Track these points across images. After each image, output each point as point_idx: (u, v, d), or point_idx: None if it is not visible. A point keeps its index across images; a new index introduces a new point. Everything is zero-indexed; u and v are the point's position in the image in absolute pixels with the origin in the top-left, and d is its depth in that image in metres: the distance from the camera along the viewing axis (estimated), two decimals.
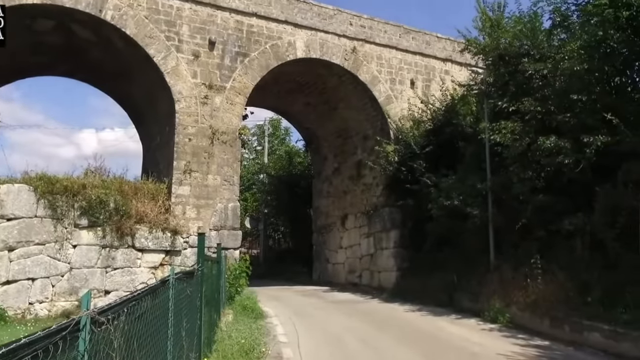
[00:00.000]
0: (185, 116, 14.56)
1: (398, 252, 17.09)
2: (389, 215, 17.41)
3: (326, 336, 9.66)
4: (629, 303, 8.43)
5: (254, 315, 11.12)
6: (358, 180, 19.70)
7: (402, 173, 16.29)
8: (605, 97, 10.56)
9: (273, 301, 14.87)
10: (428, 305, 13.65)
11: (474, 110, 16.68)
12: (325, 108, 20.40)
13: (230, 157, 15.00)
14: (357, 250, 19.29)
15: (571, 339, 8.95)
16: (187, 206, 14.15)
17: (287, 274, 24.38)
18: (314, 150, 23.27)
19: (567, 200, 10.87)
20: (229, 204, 14.69)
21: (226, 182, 14.79)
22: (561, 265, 10.42)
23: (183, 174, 14.26)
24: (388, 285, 16.97)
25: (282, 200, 26.55)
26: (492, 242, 12.82)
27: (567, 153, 10.32)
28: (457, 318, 11.75)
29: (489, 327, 10.55)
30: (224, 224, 14.52)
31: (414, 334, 9.87)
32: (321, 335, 9.74)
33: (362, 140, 19.45)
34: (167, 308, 3.69)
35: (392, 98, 18.16)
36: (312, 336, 9.60)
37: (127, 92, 18.31)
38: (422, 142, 16.29)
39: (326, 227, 21.86)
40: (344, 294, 17.49)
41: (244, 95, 15.54)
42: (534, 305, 10.32)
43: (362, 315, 12.49)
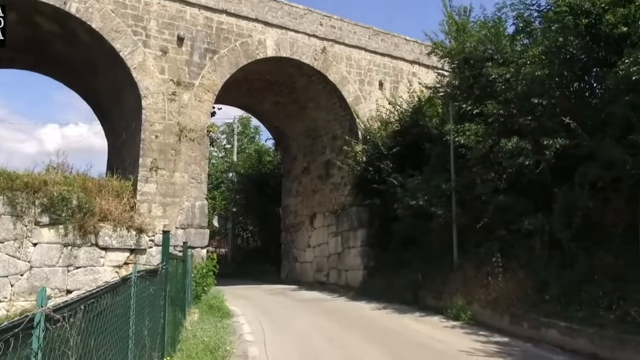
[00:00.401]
0: (152, 112, 14.36)
1: (365, 251, 17.27)
2: (357, 214, 17.58)
3: (293, 335, 9.71)
4: (584, 301, 8.77)
5: (220, 314, 11.07)
6: (327, 179, 19.81)
7: (370, 173, 16.48)
8: (564, 102, 10.94)
9: (240, 300, 14.82)
10: (393, 304, 13.86)
11: (439, 112, 17.02)
12: (294, 107, 20.44)
13: (198, 154, 14.87)
14: (325, 249, 19.40)
15: (530, 335, 9.25)
16: (153, 204, 13.96)
17: (256, 273, 24.29)
18: (284, 150, 23.27)
19: (527, 201, 11.22)
20: (196, 202, 14.57)
21: (194, 180, 14.66)
22: (521, 264, 10.75)
23: (149, 172, 14.06)
24: (355, 283, 17.14)
25: (251, 199, 26.43)
26: (455, 241, 13.11)
27: (527, 155, 10.64)
28: (421, 316, 11.98)
29: (452, 324, 10.80)
30: (191, 222, 14.39)
31: (380, 332, 10.02)
32: (288, 334, 9.78)
33: (331, 140, 19.57)
34: (128, 306, 3.67)
35: (361, 99, 18.33)
36: (278, 335, 9.63)
37: (92, 87, 17.92)
38: (390, 142, 16.52)
39: (295, 226, 21.90)
40: (311, 292, 17.57)
41: (212, 93, 15.43)
42: (494, 302, 10.62)
43: (329, 313, 12.59)
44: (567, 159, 10.45)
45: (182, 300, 8.62)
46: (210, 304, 11.57)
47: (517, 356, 8.02)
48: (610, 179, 9.57)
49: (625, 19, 9.75)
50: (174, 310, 7.40)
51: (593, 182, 9.83)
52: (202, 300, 11.87)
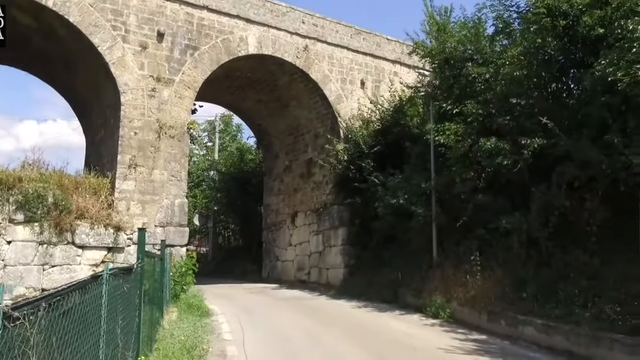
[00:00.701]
0: (131, 109, 14.16)
1: (346, 249, 17.30)
2: (338, 213, 17.59)
3: (272, 333, 9.67)
4: (561, 299, 8.90)
5: (199, 313, 10.96)
6: (308, 178, 19.79)
7: (351, 172, 16.50)
8: (542, 102, 11.08)
9: (220, 299, 14.72)
10: (373, 302, 13.90)
11: (420, 112, 17.13)
12: (276, 105, 20.36)
13: (178, 152, 14.71)
14: (307, 247, 19.38)
15: (507, 333, 9.36)
16: (131, 202, 13.77)
17: (237, 272, 24.18)
18: (266, 148, 23.17)
19: (505, 200, 11.35)
20: (175, 200, 14.41)
21: (173, 177, 14.50)
22: (499, 262, 10.87)
23: (128, 169, 13.86)
24: (336, 282, 17.15)
25: (233, 197, 26.27)
26: (435, 240, 13.20)
27: (505, 154, 10.75)
28: (400, 314, 12.03)
29: (431, 322, 10.87)
30: (170, 220, 14.23)
31: (359, 330, 10.03)
32: (267, 333, 9.73)
33: (313, 139, 19.54)
34: (99, 305, 3.59)
35: (343, 97, 18.34)
36: (258, 333, 9.58)
37: (70, 82, 17.60)
38: (371, 141, 16.56)
39: (276, 225, 21.83)
40: (292, 291, 17.53)
41: (193, 90, 15.27)
42: (473, 300, 10.71)
43: (309, 312, 12.57)
44: (544, 158, 10.58)
45: (160, 298, 8.51)
46: (189, 303, 11.46)
47: (494, 353, 8.10)
48: (586, 178, 9.72)
49: (602, 20, 9.91)
50: (151, 309, 7.30)
51: (570, 182, 9.97)
52: (181, 299, 11.74)
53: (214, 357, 7.33)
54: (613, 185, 9.34)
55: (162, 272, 8.62)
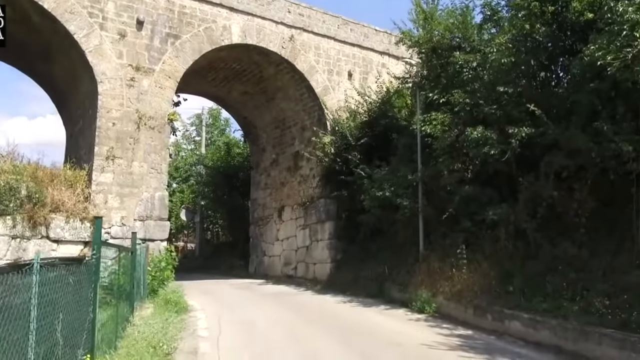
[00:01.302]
0: (109, 98, 13.71)
1: (332, 243, 16.96)
2: (325, 206, 17.24)
3: (251, 330, 9.29)
4: (548, 292, 8.60)
5: (176, 309, 10.57)
6: (295, 171, 19.41)
7: (338, 164, 16.16)
8: (530, 90, 10.77)
9: (203, 295, 14.34)
10: (359, 296, 13.58)
11: (408, 103, 16.82)
12: (262, 98, 19.95)
13: (159, 143, 14.28)
14: (293, 242, 19.02)
15: (493, 327, 9.05)
16: (109, 195, 13.34)
17: (224, 268, 23.81)
18: (252, 141, 22.76)
19: (492, 191, 11.03)
20: (155, 193, 13.99)
21: (153, 170, 14.08)
22: (485, 255, 10.57)
23: (105, 160, 13.43)
24: (322, 277, 16.82)
25: (220, 192, 25.85)
26: (421, 232, 12.87)
27: (492, 144, 10.41)
28: (385, 309, 11.71)
29: (416, 317, 10.55)
30: (150, 214, 13.81)
31: (342, 326, 9.69)
32: (246, 329, 9.36)
33: (300, 131, 19.16)
34: (28, 297, 3.21)
35: (330, 89, 17.97)
36: (236, 330, 9.21)
37: (49, 72, 17.10)
38: (358, 133, 16.21)
39: (263, 219, 21.45)
40: (278, 286, 17.18)
41: (174, 79, 14.83)
42: (459, 294, 10.40)
43: (293, 307, 12.22)
44: (532, 148, 10.29)
45: (130, 294, 8.12)
46: (167, 299, 11.07)
47: (479, 349, 7.78)
48: (575, 168, 9.42)
49: (591, 5, 9.62)
50: (118, 304, 6.92)
51: (558, 172, 9.67)
52: (160, 295, 11.36)
53: (183, 354, 6.95)
54: (602, 175, 9.05)
55: (133, 266, 8.22)
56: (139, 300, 9.92)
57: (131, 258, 8.29)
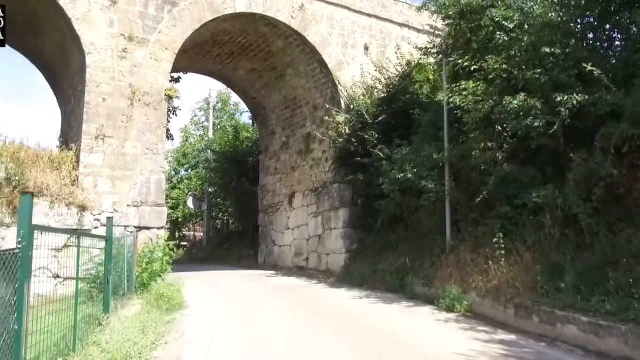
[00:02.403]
0: (98, 72, 12.36)
1: (347, 232, 15.50)
2: (339, 192, 15.76)
3: (252, 334, 7.89)
4: (611, 289, 7.05)
5: (169, 306, 9.23)
6: (307, 155, 17.96)
7: (353, 145, 14.67)
8: (580, 51, 9.14)
9: (205, 288, 13.04)
10: (377, 291, 12.16)
11: (431, 78, 15.29)
12: (271, 75, 18.47)
13: (154, 121, 12.91)
14: (305, 231, 17.61)
15: (542, 332, 7.53)
16: (99, 178, 12.03)
17: (232, 258, 22.57)
18: (261, 123, 21.32)
19: (534, 171, 9.47)
20: (151, 176, 12.65)
21: (149, 150, 12.73)
22: (528, 245, 9.01)
23: (95, 140, 12.12)
24: (336, 268, 15.39)
25: (228, 178, 24.49)
26: (448, 219, 11.33)
27: (536, 115, 8.84)
28: (408, 306, 10.24)
29: (445, 317, 9.06)
30: (146, 199, 12.49)
31: (358, 327, 8.26)
32: (246, 333, 7.97)
33: (312, 111, 17.67)
34: None
35: (344, 64, 16.41)
36: (234, 334, 7.83)
37: (39, 48, 15.80)
38: (375, 111, 14.68)
39: (273, 207, 20.08)
40: (288, 278, 15.82)
41: (172, 51, 13.41)
42: (496, 291, 8.88)
43: (303, 303, 10.82)
44: (584, 119, 8.70)
45: (106, 291, 6.76)
46: (160, 294, 9.71)
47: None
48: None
49: None
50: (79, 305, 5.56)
51: (618, 146, 8.05)
52: (151, 290, 10.01)
53: None
54: None
55: (107, 257, 6.85)
56: (122, 296, 8.59)
57: (106, 247, 6.92)
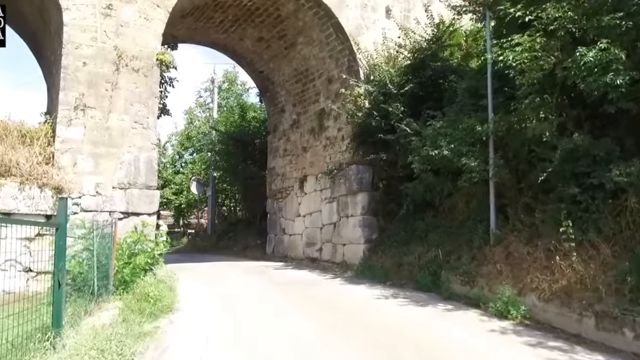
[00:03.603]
0: (77, 31, 10.54)
1: (367, 220, 13.64)
2: (357, 174, 13.89)
3: (254, 348, 6.13)
4: None
5: (154, 309, 7.50)
6: (320, 133, 16.08)
7: (374, 120, 12.76)
8: None
9: (204, 283, 11.34)
10: (405, 289, 10.36)
11: (463, 44, 13.34)
12: (281, 44, 16.54)
13: (144, 90, 11.10)
14: (318, 218, 15.79)
15: (638, 350, 5.67)
16: (79, 155, 10.27)
17: (238, 247, 20.88)
18: (270, 100, 19.43)
19: (610, 143, 7.53)
20: (141, 154, 10.87)
21: (138, 124, 10.93)
22: (605, 235, 7.12)
23: (74, 111, 10.34)
24: (354, 260, 13.57)
25: (234, 161, 22.68)
26: (493, 204, 9.42)
27: (617, 70, 6.89)
28: (446, 309, 8.40)
29: (498, 325, 7.21)
30: (134, 180, 10.72)
31: (389, 338, 6.46)
32: (245, 346, 6.21)
33: (326, 84, 15.74)
34: None
35: (363, 28, 14.42)
36: (229, 347, 6.08)
37: (19, 13, 13.97)
38: (400, 81, 12.75)
39: (282, 192, 18.28)
40: (299, 271, 14.06)
41: (165, 9, 11.54)
42: (565, 294, 7.01)
43: (318, 305, 9.05)
44: None
45: (57, 297, 5.00)
46: (145, 294, 7.97)
47: None
48: None
49: None
50: None
51: None
52: (136, 288, 8.26)
53: None
54: None
55: (58, 252, 5.08)
56: (93, 299, 6.86)
57: (56, 237, 5.15)
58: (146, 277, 9.09)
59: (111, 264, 7.73)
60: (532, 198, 8.79)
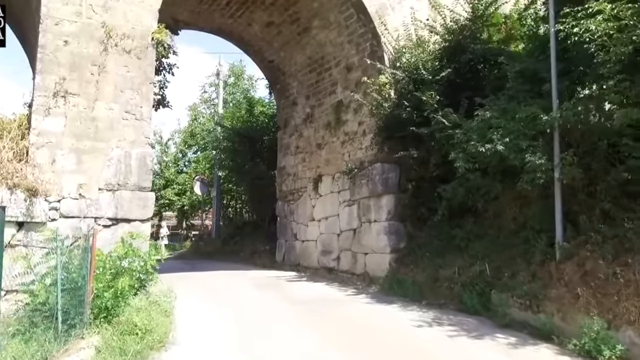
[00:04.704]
0: (58, 4, 8.92)
1: (393, 226, 11.93)
2: (382, 174, 12.19)
3: None
4: None
5: (143, 344, 5.86)
6: (337, 128, 14.39)
7: (404, 111, 11.06)
8: None
9: (206, 302, 9.70)
10: (446, 311, 8.70)
11: (503, 27, 11.72)
12: (293, 30, 14.87)
13: (138, 75, 9.45)
14: (335, 223, 14.09)
15: None
16: (58, 150, 8.64)
17: (244, 253, 19.22)
18: (280, 93, 17.76)
19: None
20: (133, 149, 9.22)
21: (129, 114, 9.29)
22: None
23: (53, 98, 8.70)
24: (378, 273, 11.88)
25: (241, 159, 21.01)
26: (559, 210, 7.71)
27: None
28: (510, 343, 6.68)
29: None
30: (125, 181, 9.07)
31: None
32: None
33: (344, 73, 14.06)
34: None
35: (388, 8, 12.72)
36: None
37: None
38: (435, 66, 11.07)
39: (294, 193, 16.60)
40: (315, 284, 12.38)
41: None
42: None
43: (352, 335, 7.36)
44: None
45: None
46: (132, 323, 6.33)
47: None
48: None
49: None
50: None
51: None
52: (121, 315, 6.60)
53: None
54: None
55: None
56: (58, 336, 5.22)
57: None
58: (136, 298, 7.46)
59: (87, 287, 6.07)
60: (612, 203, 7.10)
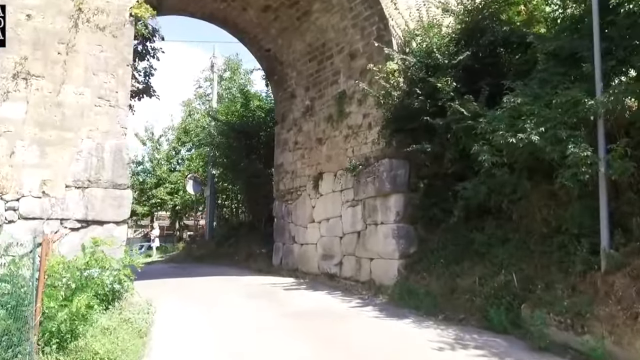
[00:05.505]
0: None
1: (402, 229, 10.74)
2: (389, 170, 11.00)
3: None
4: None
5: None
6: (340, 121, 13.20)
7: (416, 100, 9.87)
8: None
9: (192, 316, 8.49)
10: (468, 328, 7.53)
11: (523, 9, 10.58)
12: (292, 14, 13.69)
13: (113, 55, 8.25)
14: (337, 225, 12.90)
15: None
16: (18, 140, 7.44)
17: (239, 256, 18.02)
18: (277, 84, 16.55)
19: None
20: (106, 140, 8.02)
21: (103, 100, 8.09)
22: None
23: (12, 80, 7.51)
24: (385, 280, 10.70)
25: (236, 157, 19.79)
26: (605, 211, 6.54)
27: None
28: None
29: None
30: (97, 176, 7.87)
31: None
32: None
33: (348, 61, 12.87)
34: None
35: None
36: None
37: None
38: (452, 49, 9.90)
39: (292, 193, 15.41)
40: (316, 293, 11.19)
41: None
42: None
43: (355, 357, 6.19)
44: None
45: None
46: (93, 352, 5.13)
47: None
48: None
49: None
50: None
51: None
52: (79, 341, 5.38)
53: None
54: None
55: None
56: None
57: None
58: (104, 316, 6.26)
59: (32, 307, 4.86)
60: None
